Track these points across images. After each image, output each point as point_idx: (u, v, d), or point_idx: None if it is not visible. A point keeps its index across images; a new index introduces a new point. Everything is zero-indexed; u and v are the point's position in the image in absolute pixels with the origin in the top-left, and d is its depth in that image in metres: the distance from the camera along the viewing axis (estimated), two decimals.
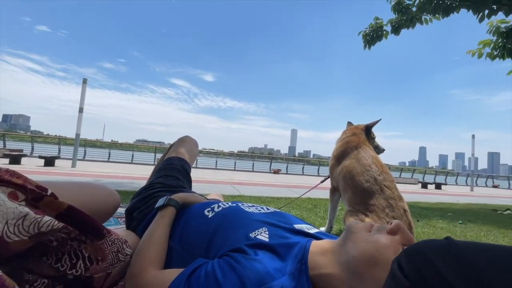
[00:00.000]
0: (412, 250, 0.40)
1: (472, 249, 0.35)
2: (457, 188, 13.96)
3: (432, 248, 0.37)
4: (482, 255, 0.34)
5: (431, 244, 0.38)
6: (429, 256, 0.36)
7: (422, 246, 0.39)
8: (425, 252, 0.37)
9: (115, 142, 23.91)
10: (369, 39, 6.23)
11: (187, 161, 1.43)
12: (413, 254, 0.39)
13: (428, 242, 0.39)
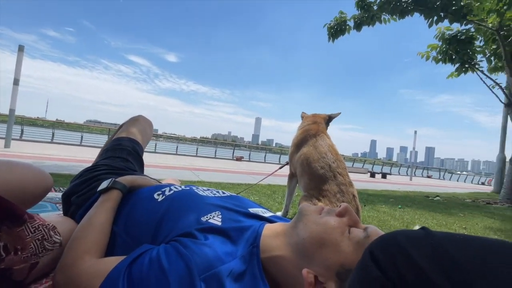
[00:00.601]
0: (386, 238, 0.38)
1: (449, 239, 0.34)
2: (399, 177, 15.64)
3: (407, 237, 0.35)
4: (460, 245, 0.32)
5: (407, 233, 0.36)
6: (404, 244, 0.34)
7: (396, 234, 0.37)
8: (400, 241, 0.35)
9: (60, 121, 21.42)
10: (333, 32, 6.44)
11: (139, 142, 1.31)
12: (386, 242, 0.37)
13: (403, 231, 0.37)
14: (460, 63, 6.65)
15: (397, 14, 5.72)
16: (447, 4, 5.35)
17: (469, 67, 6.67)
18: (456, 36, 6.35)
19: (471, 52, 6.48)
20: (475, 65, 6.62)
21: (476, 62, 6.67)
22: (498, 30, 5.44)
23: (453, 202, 4.99)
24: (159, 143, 15.97)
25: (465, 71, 6.78)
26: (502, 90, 6.56)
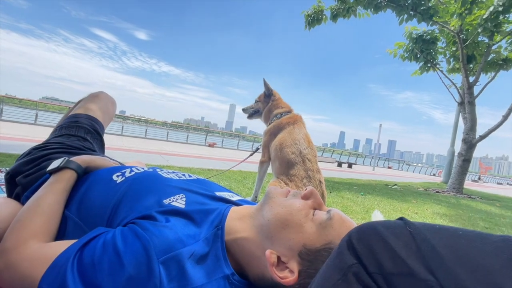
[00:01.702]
0: (364, 227, 0.37)
1: (427, 228, 0.34)
2: (363, 167, 16.66)
3: (385, 226, 0.35)
4: (437, 234, 0.32)
5: (385, 223, 0.36)
6: (382, 234, 0.34)
7: (374, 223, 0.37)
8: (378, 230, 0.35)
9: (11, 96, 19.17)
10: (310, 20, 6.45)
11: (100, 120, 1.20)
12: (364, 231, 0.36)
13: (382, 221, 0.37)
14: (423, 62, 7.11)
15: (371, 8, 5.88)
16: (417, 4, 5.62)
17: (431, 67, 7.16)
18: (422, 36, 6.74)
19: (434, 53, 6.94)
20: (436, 65, 7.12)
21: (438, 62, 7.18)
22: (458, 33, 5.87)
23: (408, 191, 5.46)
24: (127, 125, 15.09)
25: (428, 70, 7.27)
26: (457, 89, 7.17)
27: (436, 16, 5.78)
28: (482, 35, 6.18)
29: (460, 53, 6.07)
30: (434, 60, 7.07)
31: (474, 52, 6.50)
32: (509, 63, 6.56)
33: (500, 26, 5.81)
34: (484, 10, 5.42)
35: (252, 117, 2.33)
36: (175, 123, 26.12)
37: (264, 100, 2.22)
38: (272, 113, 2.09)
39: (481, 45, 6.41)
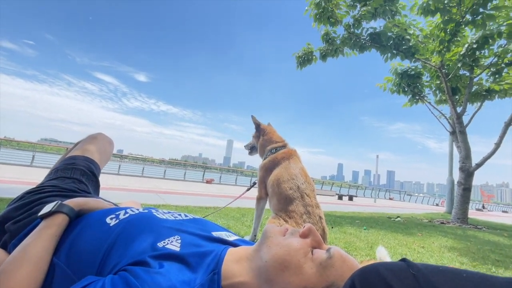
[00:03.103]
0: (367, 269, 0.38)
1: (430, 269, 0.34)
2: (364, 199, 16.34)
3: (388, 269, 0.35)
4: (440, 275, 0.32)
5: (388, 265, 0.36)
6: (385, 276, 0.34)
7: (378, 266, 0.37)
8: (381, 272, 0.35)
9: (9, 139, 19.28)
10: (301, 61, 6.89)
11: (96, 161, 1.21)
12: (368, 273, 0.36)
13: (385, 263, 0.37)
14: (411, 95, 7.45)
15: (357, 49, 6.35)
16: (398, 44, 6.09)
17: (419, 99, 7.49)
18: (406, 72, 7.17)
19: (420, 86, 7.32)
20: (424, 97, 7.45)
21: (425, 95, 7.53)
22: (440, 68, 6.26)
23: (412, 223, 5.29)
24: (124, 164, 14.99)
25: (416, 102, 7.59)
26: (447, 120, 7.41)
27: (418, 54, 6.23)
28: (463, 69, 6.60)
29: (445, 86, 6.40)
30: (421, 93, 7.42)
31: (458, 84, 6.87)
32: (492, 94, 6.89)
33: (478, 61, 6.24)
34: (461, 47, 5.87)
35: (251, 153, 2.37)
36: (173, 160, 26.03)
37: (255, 135, 2.27)
38: (266, 148, 2.11)
39: (463, 78, 6.80)
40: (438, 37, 5.58)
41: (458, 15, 5.03)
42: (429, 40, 6.31)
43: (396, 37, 6.06)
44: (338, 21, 6.10)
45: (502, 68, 6.40)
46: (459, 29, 5.23)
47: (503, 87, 6.58)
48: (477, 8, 4.57)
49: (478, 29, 5.15)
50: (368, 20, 6.29)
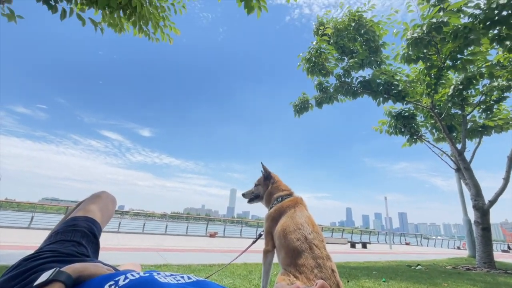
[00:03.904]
0: None
1: None
2: (379, 246, 15.26)
3: None
4: None
5: None
6: None
7: None
8: None
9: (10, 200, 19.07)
10: (298, 109, 7.23)
11: (98, 221, 1.19)
12: None
13: None
14: (409, 135, 7.59)
15: (350, 95, 6.73)
16: (388, 89, 6.47)
17: (417, 138, 7.60)
18: (400, 113, 7.44)
19: (416, 126, 7.51)
20: (421, 137, 7.58)
21: (422, 134, 7.67)
22: (432, 108, 6.52)
23: (435, 271, 4.85)
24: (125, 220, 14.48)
25: (415, 142, 7.68)
26: (449, 157, 7.40)
27: (408, 97, 6.56)
28: (454, 108, 6.87)
29: (440, 125, 6.57)
30: (418, 133, 7.57)
31: (452, 122, 7.06)
32: (488, 129, 7.03)
33: (467, 100, 6.53)
34: (448, 89, 6.21)
35: (252, 202, 2.29)
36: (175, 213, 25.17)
37: (264, 183, 2.22)
38: (273, 196, 2.06)
39: (456, 116, 7.02)
40: (424, 81, 5.96)
41: (439, 61, 5.45)
42: (416, 84, 6.72)
43: (385, 83, 6.47)
44: (329, 72, 6.61)
45: (491, 105, 6.65)
46: (442, 73, 5.61)
47: (497, 123, 6.74)
48: (455, 54, 4.98)
49: (460, 72, 5.52)
50: (357, 70, 6.81)
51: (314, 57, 6.25)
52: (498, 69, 5.72)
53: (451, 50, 4.86)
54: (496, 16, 4.24)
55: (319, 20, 7.17)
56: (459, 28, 4.55)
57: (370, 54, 6.36)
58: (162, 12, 4.72)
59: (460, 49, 4.80)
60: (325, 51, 6.40)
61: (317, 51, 6.23)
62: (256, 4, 3.78)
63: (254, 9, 3.80)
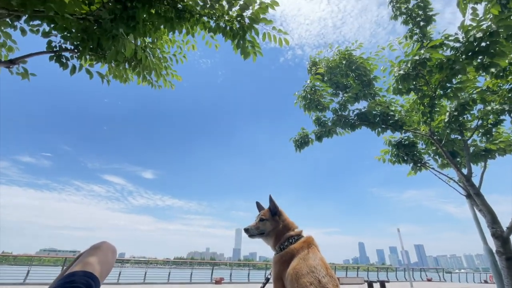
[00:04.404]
0: None
1: None
2: (399, 284, 14.11)
3: None
4: None
5: None
6: None
7: None
8: None
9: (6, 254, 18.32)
10: (299, 144, 7.32)
11: (97, 275, 1.14)
12: None
13: None
14: (412, 163, 7.54)
15: (348, 128, 6.87)
16: (385, 119, 6.62)
17: (421, 166, 7.53)
18: (400, 142, 7.50)
19: (418, 154, 7.50)
20: (425, 164, 7.52)
21: (426, 162, 7.61)
22: (431, 135, 6.58)
23: None
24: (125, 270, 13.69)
25: (420, 169, 7.60)
26: (457, 183, 7.24)
27: (405, 126, 6.68)
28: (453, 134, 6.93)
29: (442, 151, 6.57)
30: (421, 160, 7.53)
31: (454, 148, 7.06)
32: (492, 153, 6.99)
33: (465, 125, 6.62)
34: (444, 115, 6.34)
35: (254, 237, 2.14)
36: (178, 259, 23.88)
37: (272, 219, 2.09)
38: (283, 236, 1.97)
39: (456, 141, 7.05)
40: (419, 110, 6.12)
41: (430, 91, 5.67)
42: (411, 113, 6.89)
43: (381, 114, 6.65)
44: (326, 107, 6.85)
45: (490, 129, 6.72)
46: (435, 102, 5.79)
47: (499, 146, 6.73)
48: (444, 84, 5.19)
49: (452, 100, 5.70)
50: (352, 103, 7.05)
51: (309, 95, 6.54)
52: (489, 94, 5.92)
53: (440, 80, 5.09)
54: (476, 47, 4.52)
55: (312, 60, 7.65)
56: (443, 61, 4.82)
57: (363, 88, 6.65)
58: (164, 62, 5.08)
59: (448, 79, 5.03)
60: (320, 88, 6.72)
61: (311, 88, 6.55)
62: (251, 50, 4.08)
63: (250, 54, 4.08)
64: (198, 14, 3.80)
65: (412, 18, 6.60)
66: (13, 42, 3.68)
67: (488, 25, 4.42)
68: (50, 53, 3.60)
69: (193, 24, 3.96)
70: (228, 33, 3.84)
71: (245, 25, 3.74)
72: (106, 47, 3.56)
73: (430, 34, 6.71)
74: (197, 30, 4.35)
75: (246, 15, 3.73)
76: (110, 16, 3.39)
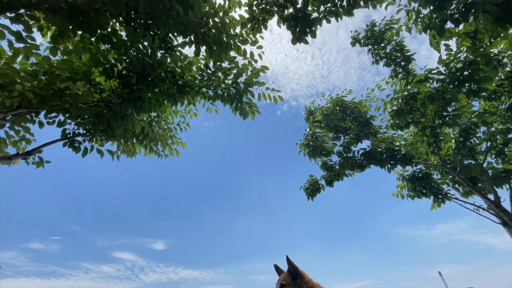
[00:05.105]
0: None
1: None
2: None
3: None
4: None
5: None
6: None
7: None
8: None
9: None
10: (310, 192, 7.14)
11: None
12: None
13: None
14: (433, 195, 7.16)
15: (356, 168, 6.78)
16: (392, 155, 6.58)
17: (443, 197, 7.13)
18: (414, 175, 7.26)
19: (436, 185, 7.18)
20: (446, 195, 7.12)
21: (447, 192, 7.23)
22: (443, 165, 6.41)
23: None
24: None
25: (442, 201, 7.17)
26: (487, 211, 6.72)
27: (414, 159, 6.58)
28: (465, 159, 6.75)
29: (460, 179, 6.31)
30: (441, 191, 7.17)
31: (471, 173, 6.78)
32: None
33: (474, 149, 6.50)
34: (450, 142, 6.30)
35: None
36: None
37: (293, 284, 1.90)
38: None
39: (472, 167, 6.81)
40: (423, 141, 6.12)
41: (429, 121, 5.76)
42: (416, 145, 6.87)
43: (387, 150, 6.63)
44: (330, 151, 6.91)
45: (502, 149, 6.56)
46: (437, 131, 5.82)
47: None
48: (440, 113, 5.31)
49: (453, 127, 5.74)
50: (355, 144, 7.12)
51: (311, 142, 6.69)
52: (488, 116, 5.97)
53: (435, 110, 5.22)
54: (460, 76, 4.77)
55: (308, 110, 8.06)
56: (433, 93, 5.03)
57: (362, 128, 6.80)
58: (169, 132, 5.37)
59: (442, 108, 5.16)
60: (320, 134, 6.91)
61: (312, 136, 6.74)
62: (249, 110, 4.34)
63: (249, 114, 4.33)
64: (197, 87, 4.19)
65: (392, 60, 7.16)
66: (31, 135, 4.00)
67: (465, 56, 4.75)
68: (65, 140, 3.86)
69: (194, 95, 4.34)
70: (226, 99, 4.15)
71: (241, 90, 4.07)
72: (116, 127, 3.84)
73: (413, 70, 7.18)
74: (197, 99, 4.73)
75: (240, 81, 4.10)
76: (119, 100, 3.75)
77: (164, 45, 4.18)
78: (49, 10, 3.02)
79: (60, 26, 3.19)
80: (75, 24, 3.29)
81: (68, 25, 3.26)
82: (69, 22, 3.24)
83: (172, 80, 3.90)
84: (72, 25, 3.31)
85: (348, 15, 3.81)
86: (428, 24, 4.53)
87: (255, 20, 3.66)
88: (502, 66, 5.23)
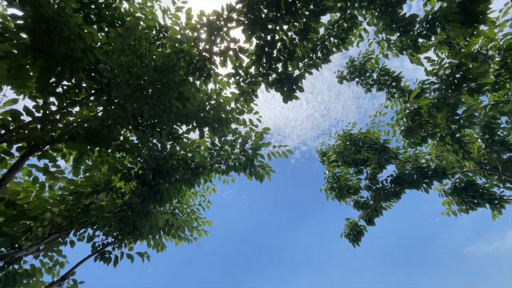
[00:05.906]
0: None
1: None
2: None
3: None
4: None
5: None
6: None
7: None
8: None
9: None
10: (353, 237, 6.52)
11: None
12: None
13: None
14: (487, 203, 6.39)
15: (392, 198, 6.31)
16: (422, 173, 6.18)
17: (501, 203, 6.34)
18: (456, 187, 6.64)
19: (486, 190, 6.48)
20: (502, 198, 6.35)
21: (501, 195, 6.46)
22: (481, 168, 5.92)
23: None
24: None
25: (503, 207, 6.35)
26: None
27: (447, 170, 6.15)
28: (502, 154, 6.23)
29: (507, 177, 5.73)
30: (496, 196, 6.42)
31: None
32: None
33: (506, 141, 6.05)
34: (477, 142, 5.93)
35: None
36: None
37: None
38: None
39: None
40: (448, 150, 5.81)
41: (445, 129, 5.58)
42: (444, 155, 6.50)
43: (415, 170, 6.27)
44: (357, 188, 6.57)
45: None
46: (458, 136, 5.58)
47: None
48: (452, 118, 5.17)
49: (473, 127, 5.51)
50: (380, 172, 6.81)
51: (334, 184, 6.45)
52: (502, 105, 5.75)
53: (445, 117, 5.11)
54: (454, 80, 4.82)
55: (320, 152, 8.02)
56: (435, 102, 5.02)
57: (381, 155, 6.60)
58: (193, 214, 5.35)
59: (452, 113, 5.06)
60: (341, 173, 6.71)
61: (333, 177, 6.53)
62: (263, 172, 4.36)
63: (264, 176, 4.34)
64: (209, 165, 4.34)
65: (383, 83, 7.41)
66: (63, 258, 4.04)
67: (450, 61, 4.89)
68: (95, 254, 3.87)
69: (208, 173, 4.46)
70: (238, 168, 4.24)
71: (250, 155, 4.19)
72: (141, 227, 3.87)
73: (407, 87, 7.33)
74: (212, 176, 4.85)
75: (247, 147, 4.25)
76: (140, 199, 3.88)
77: (171, 136, 4.53)
78: (69, 139, 3.43)
79: (80, 149, 3.57)
80: (92, 143, 3.67)
81: (86, 146, 3.64)
82: (87, 144, 3.63)
83: (184, 166, 4.08)
84: (89, 145, 3.70)
85: (326, 62, 4.14)
86: (401, 46, 4.83)
87: (245, 93, 4.01)
88: (490, 58, 5.30)
